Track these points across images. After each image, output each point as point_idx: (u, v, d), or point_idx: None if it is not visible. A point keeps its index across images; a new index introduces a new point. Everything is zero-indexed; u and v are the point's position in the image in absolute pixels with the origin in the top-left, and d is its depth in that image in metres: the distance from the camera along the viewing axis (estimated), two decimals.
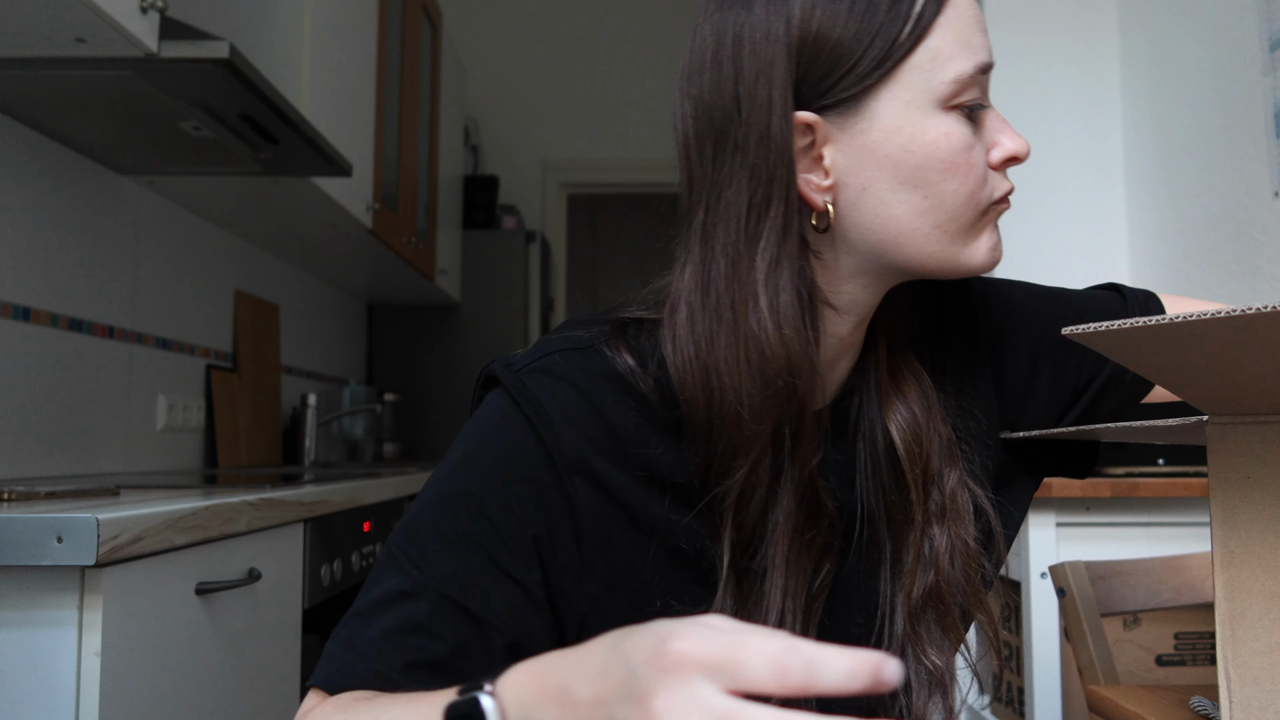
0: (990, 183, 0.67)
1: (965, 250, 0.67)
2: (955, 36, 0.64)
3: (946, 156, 0.64)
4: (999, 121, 0.67)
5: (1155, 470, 1.64)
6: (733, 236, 0.65)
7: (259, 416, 2.79)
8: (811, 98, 0.64)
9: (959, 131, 0.64)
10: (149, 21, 1.48)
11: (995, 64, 0.68)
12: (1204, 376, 0.58)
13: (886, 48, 0.63)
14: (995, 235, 0.69)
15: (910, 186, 0.65)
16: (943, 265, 0.67)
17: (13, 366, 1.75)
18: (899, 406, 0.72)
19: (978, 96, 0.65)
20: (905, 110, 0.64)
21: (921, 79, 0.64)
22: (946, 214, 0.65)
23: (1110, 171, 2.18)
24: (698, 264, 0.66)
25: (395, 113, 3.00)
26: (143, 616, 1.09)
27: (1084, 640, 1.17)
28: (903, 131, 0.64)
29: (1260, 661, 0.61)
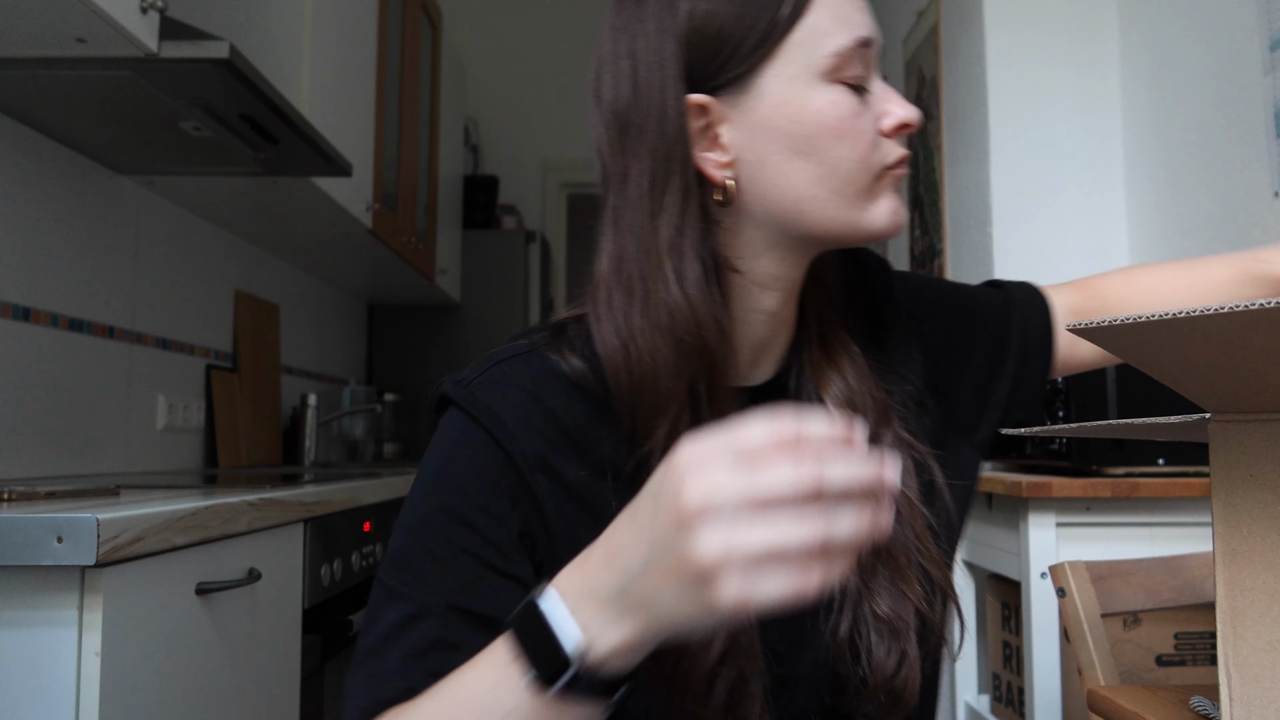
0: (881, 148, 0.70)
1: (865, 214, 0.71)
2: (833, 14, 0.69)
3: (833, 124, 0.68)
4: (887, 92, 0.71)
5: (1155, 470, 1.64)
6: (639, 215, 0.69)
7: (259, 416, 2.79)
8: (704, 81, 0.69)
9: (844, 100, 0.69)
10: (149, 21, 1.48)
11: (882, 41, 0.73)
12: (1206, 373, 0.58)
13: (767, 28, 0.68)
14: (895, 200, 0.72)
15: (803, 155, 0.69)
16: (846, 229, 0.71)
17: (13, 366, 1.75)
18: (833, 377, 0.76)
19: (861, 69, 0.69)
20: (790, 84, 0.68)
21: (803, 54, 0.68)
22: (841, 179, 0.69)
23: (1110, 171, 2.18)
24: (611, 245, 0.71)
25: (395, 113, 3.00)
26: (143, 616, 1.09)
27: (1084, 640, 1.17)
28: (790, 104, 0.68)
29: (1261, 659, 0.61)
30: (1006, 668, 1.96)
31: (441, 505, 0.68)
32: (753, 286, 0.73)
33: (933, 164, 2.58)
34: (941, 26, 2.51)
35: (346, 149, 2.44)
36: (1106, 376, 1.67)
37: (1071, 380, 1.68)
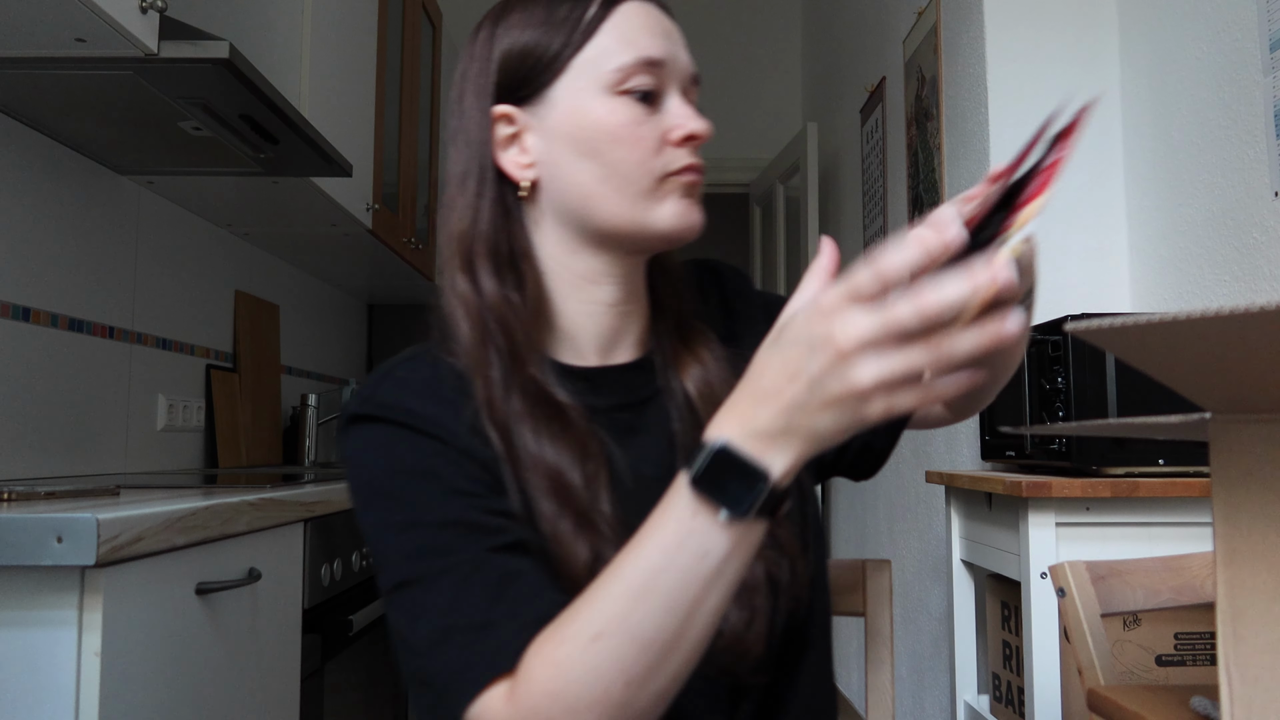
0: (665, 155, 0.80)
1: (649, 213, 0.80)
2: (620, 36, 0.80)
3: (611, 129, 0.79)
4: (682, 107, 0.81)
5: (1155, 470, 1.64)
6: (449, 211, 0.84)
7: (259, 416, 2.79)
8: (511, 94, 0.82)
9: (625, 110, 0.79)
10: (149, 21, 1.48)
11: (684, 64, 0.83)
12: (1207, 373, 0.58)
13: (560, 49, 0.80)
14: (682, 204, 0.81)
15: (587, 157, 0.79)
16: (632, 227, 0.80)
17: (13, 366, 1.75)
18: (691, 364, 0.86)
19: (650, 84, 0.80)
20: (578, 96, 0.80)
21: (591, 70, 0.80)
22: (621, 178, 0.79)
23: (1110, 171, 2.18)
24: (440, 237, 0.84)
25: (395, 113, 3.00)
26: (143, 616, 1.09)
27: (1084, 640, 1.17)
28: (577, 113, 0.80)
29: (1261, 660, 0.61)
30: (1006, 668, 1.96)
31: (389, 490, 0.75)
32: (578, 280, 0.83)
33: (933, 164, 2.58)
34: (941, 26, 2.51)
35: (346, 149, 2.44)
36: (1106, 376, 1.67)
37: (1072, 380, 1.68)
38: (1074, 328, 0.54)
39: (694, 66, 0.83)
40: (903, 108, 2.88)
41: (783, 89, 4.55)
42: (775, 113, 4.51)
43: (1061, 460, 1.70)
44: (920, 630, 2.66)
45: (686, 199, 0.81)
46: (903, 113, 2.88)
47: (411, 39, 3.16)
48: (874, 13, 3.25)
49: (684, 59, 0.82)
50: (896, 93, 2.96)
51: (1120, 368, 1.66)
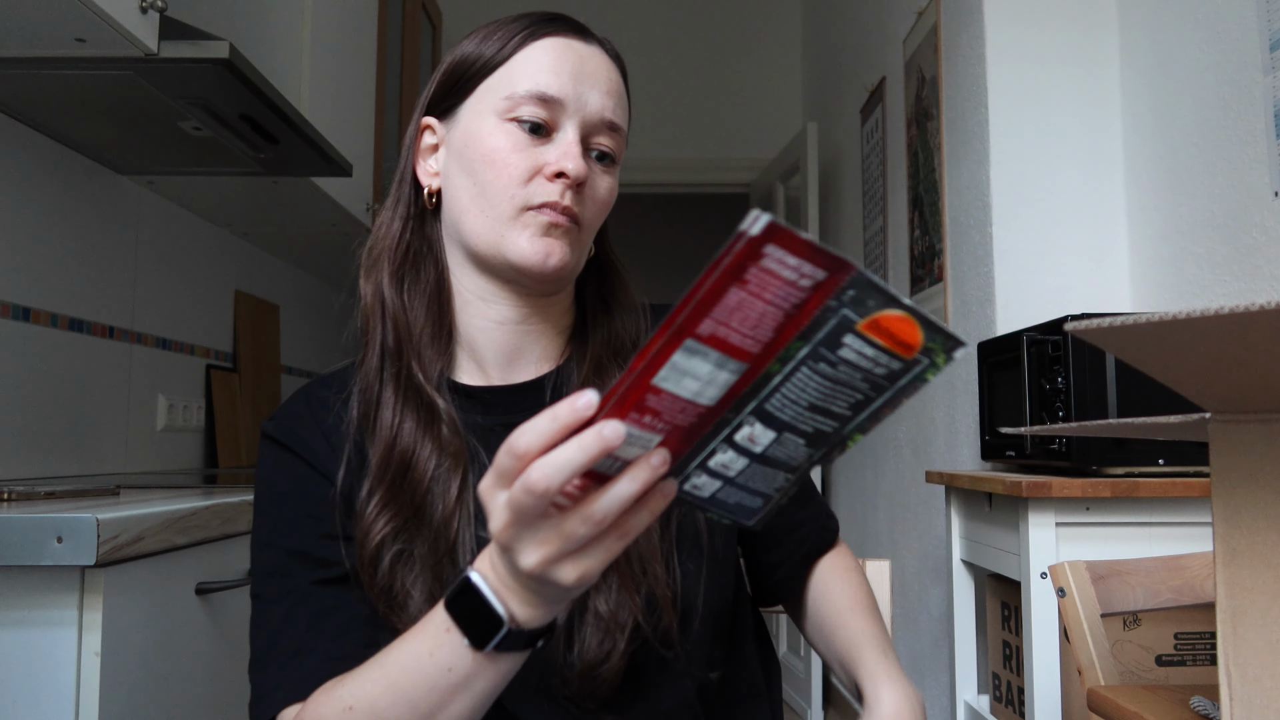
0: (530, 186, 0.80)
1: (505, 240, 0.81)
2: (526, 69, 0.81)
3: (487, 153, 0.81)
4: (568, 146, 0.81)
5: (1155, 470, 1.64)
6: (379, 213, 0.89)
7: (259, 416, 2.79)
8: (437, 107, 0.86)
9: (507, 136, 0.81)
10: (149, 21, 1.48)
11: (591, 107, 0.82)
12: (1206, 373, 0.58)
13: (477, 70, 0.83)
14: (538, 241, 0.80)
15: (467, 174, 0.82)
16: (490, 250, 0.82)
17: (13, 366, 1.75)
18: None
19: (541, 117, 0.81)
20: (476, 117, 0.83)
21: (491, 95, 0.82)
22: (488, 200, 0.81)
23: (1110, 171, 2.18)
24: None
25: (395, 113, 3.00)
26: (143, 616, 1.09)
27: (1084, 640, 1.17)
28: (469, 131, 0.83)
29: (1261, 659, 0.61)
30: (1006, 668, 1.96)
31: (269, 509, 0.82)
32: (471, 295, 0.85)
33: (933, 164, 2.58)
34: (941, 26, 2.51)
35: (346, 149, 2.44)
36: (1106, 376, 1.67)
37: (1071, 380, 1.68)
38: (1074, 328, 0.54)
39: (613, 115, 0.83)
40: (903, 108, 2.88)
41: (783, 89, 4.55)
42: (775, 113, 4.51)
43: (1061, 460, 1.70)
44: (920, 630, 2.66)
45: (545, 236, 0.80)
46: (903, 113, 2.88)
47: (411, 39, 3.16)
48: (874, 13, 3.25)
49: (595, 103, 0.82)
50: (896, 93, 2.96)
51: (1120, 368, 1.66)
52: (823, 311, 0.47)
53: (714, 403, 0.51)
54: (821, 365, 0.49)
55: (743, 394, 0.51)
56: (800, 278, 0.45)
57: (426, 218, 0.87)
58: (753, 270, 0.45)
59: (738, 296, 0.46)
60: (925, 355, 0.49)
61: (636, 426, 0.51)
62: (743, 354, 0.49)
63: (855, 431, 0.54)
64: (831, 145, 3.82)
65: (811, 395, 0.51)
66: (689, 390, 0.50)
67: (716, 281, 0.45)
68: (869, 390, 0.51)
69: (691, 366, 0.48)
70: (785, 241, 0.44)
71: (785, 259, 0.45)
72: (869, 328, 0.48)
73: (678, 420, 0.51)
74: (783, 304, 0.47)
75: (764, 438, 0.53)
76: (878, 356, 0.49)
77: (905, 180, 2.85)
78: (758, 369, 0.50)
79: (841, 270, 0.45)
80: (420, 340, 0.83)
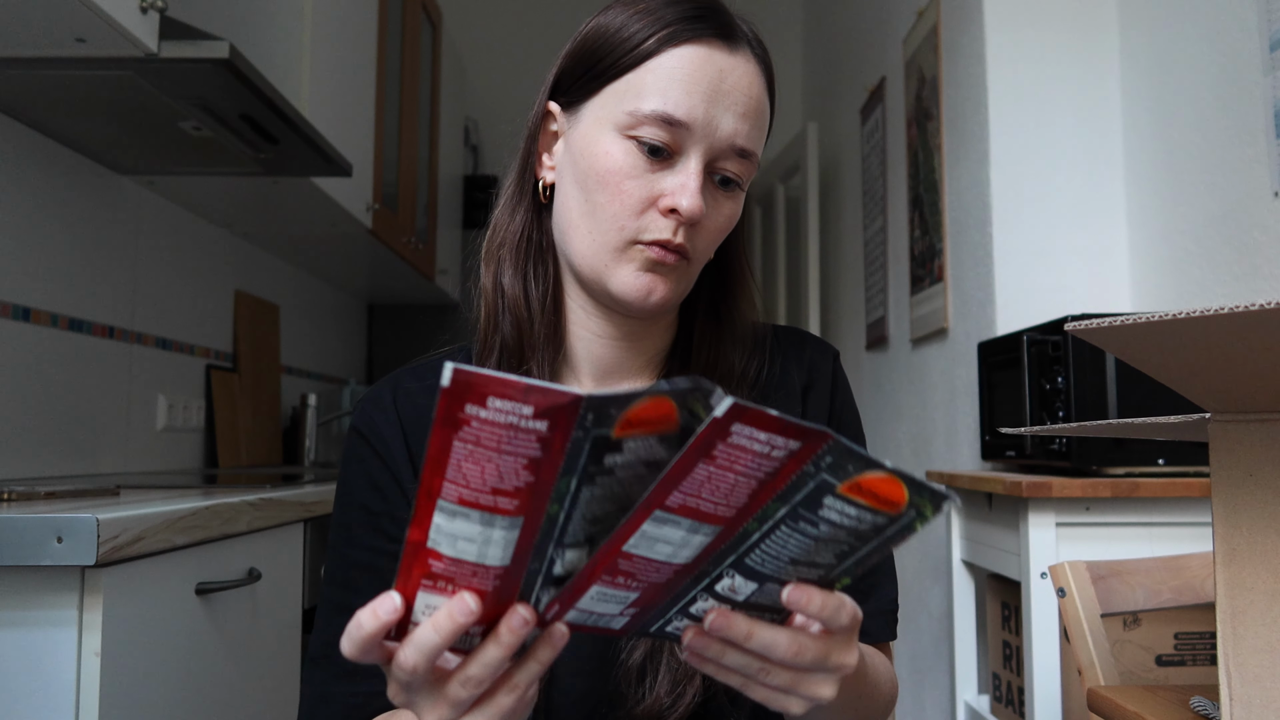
0: (643, 218, 0.74)
1: (610, 270, 0.76)
2: (657, 81, 0.74)
3: (601, 172, 0.74)
4: (687, 179, 0.74)
5: (1155, 470, 1.64)
6: (498, 201, 0.84)
7: (259, 416, 2.79)
8: (562, 93, 0.79)
9: (624, 156, 0.74)
10: (149, 21, 1.48)
11: (719, 134, 0.75)
12: (1206, 373, 0.58)
13: (605, 67, 0.76)
14: (641, 277, 0.75)
15: (580, 187, 0.76)
16: (593, 275, 0.77)
17: (13, 366, 1.75)
18: None
19: (663, 139, 0.73)
20: (596, 123, 0.76)
21: (614, 103, 0.75)
22: (597, 223, 0.75)
23: (1110, 171, 2.18)
24: None
25: (395, 113, 3.00)
26: (143, 616, 1.09)
27: (1084, 640, 1.17)
28: (587, 139, 0.76)
29: (1261, 659, 0.61)
30: (1006, 668, 1.96)
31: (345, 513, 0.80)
32: (575, 305, 0.81)
33: (933, 164, 2.58)
34: (941, 26, 2.51)
35: (346, 149, 2.44)
36: (1106, 376, 1.67)
37: (1071, 380, 1.68)
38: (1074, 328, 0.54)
39: (745, 141, 0.76)
40: (903, 108, 2.88)
41: (783, 89, 4.53)
42: (775, 113, 4.50)
43: (1061, 460, 1.70)
44: (920, 630, 2.66)
45: (649, 273, 0.75)
46: (903, 113, 2.88)
47: (411, 39, 3.16)
48: (874, 13, 3.25)
49: (727, 128, 0.75)
50: (896, 93, 2.96)
51: (1120, 368, 1.66)
52: (800, 476, 0.46)
53: (689, 561, 0.51)
54: (802, 524, 0.49)
55: (720, 550, 0.50)
56: (772, 449, 0.45)
57: (544, 209, 0.82)
58: (721, 447, 0.44)
59: (707, 471, 0.45)
60: (912, 509, 0.47)
61: (610, 587, 0.51)
62: (716, 519, 0.48)
63: (842, 576, 0.53)
64: (831, 145, 3.82)
65: (793, 550, 0.50)
66: (662, 553, 0.49)
67: (681, 461, 0.45)
68: (854, 541, 0.50)
69: (662, 534, 0.48)
70: (752, 420, 0.43)
71: (755, 434, 0.44)
72: (850, 490, 0.47)
73: (653, 579, 0.51)
74: (756, 473, 0.46)
75: (745, 588, 0.53)
76: (861, 515, 0.48)
77: (905, 180, 2.85)
78: (734, 529, 0.49)
79: (817, 440, 0.45)
80: (540, 341, 0.80)
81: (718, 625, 0.53)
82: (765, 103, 0.79)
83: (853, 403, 0.91)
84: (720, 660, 0.55)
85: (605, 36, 0.76)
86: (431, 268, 3.43)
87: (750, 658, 0.55)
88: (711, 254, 0.80)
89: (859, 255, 3.45)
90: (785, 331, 0.90)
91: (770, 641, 0.54)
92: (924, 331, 2.66)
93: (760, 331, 0.86)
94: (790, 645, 0.54)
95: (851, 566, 0.52)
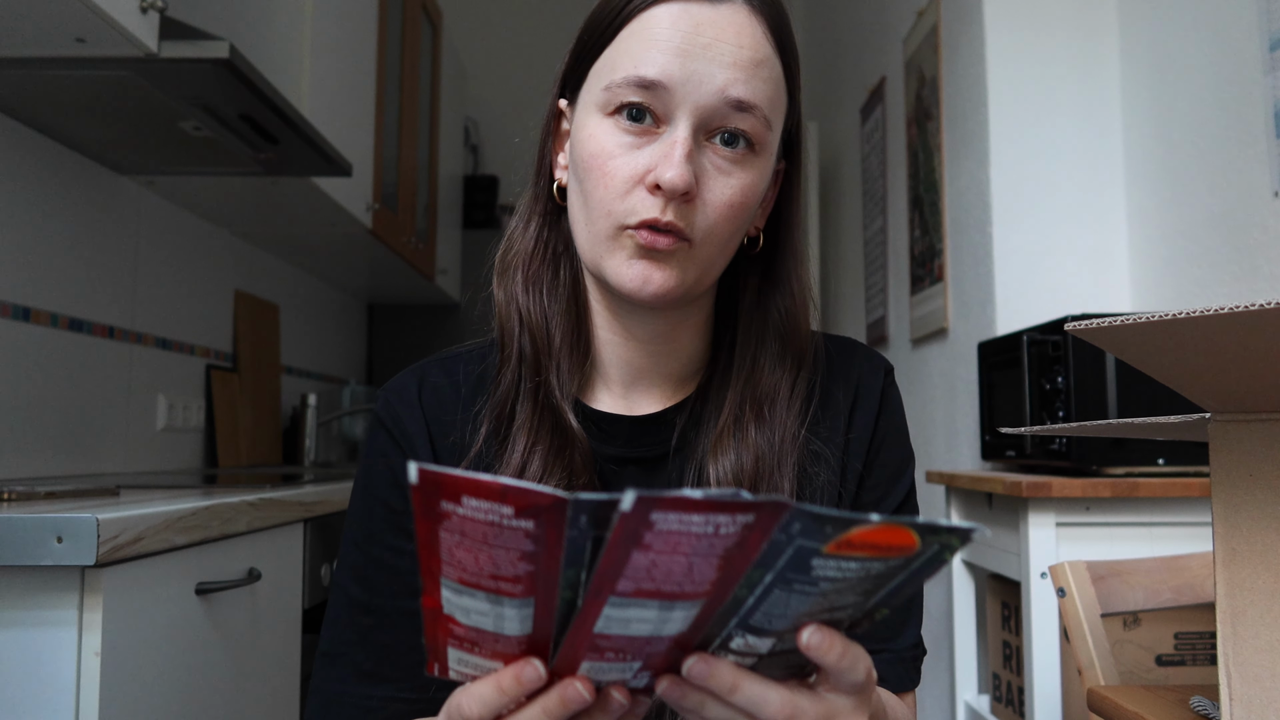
0: (629, 199, 0.67)
1: (604, 261, 0.70)
2: (628, 49, 0.68)
3: (587, 158, 0.69)
4: (670, 148, 0.66)
5: (1155, 470, 1.64)
6: (516, 207, 0.80)
7: (259, 416, 2.79)
8: (567, 87, 0.75)
9: (602, 137, 0.68)
10: (149, 21, 1.48)
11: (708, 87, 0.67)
12: (1206, 373, 0.58)
13: (590, 49, 0.72)
14: (633, 265, 0.68)
15: (576, 178, 0.72)
16: (595, 268, 0.72)
17: (13, 366, 1.75)
18: (730, 448, 0.74)
19: (641, 103, 0.67)
20: (584, 109, 0.71)
21: (595, 82, 0.70)
22: (589, 213, 0.70)
23: (1110, 171, 2.18)
24: None
25: (395, 113, 3.00)
26: (143, 616, 1.09)
27: (1084, 640, 1.17)
28: (578, 127, 0.72)
29: (1261, 659, 0.61)
30: (1006, 668, 1.96)
31: (363, 509, 0.78)
32: (600, 307, 0.77)
33: (933, 164, 2.58)
34: (941, 26, 2.51)
35: (346, 149, 2.44)
36: (1106, 376, 1.67)
37: (1071, 380, 1.68)
38: (1074, 328, 0.54)
39: (742, 90, 0.67)
40: (903, 108, 2.88)
41: None
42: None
43: (1061, 460, 1.70)
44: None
45: (641, 260, 0.68)
46: (903, 113, 2.88)
47: (411, 39, 3.16)
48: (874, 13, 3.25)
49: (715, 80, 0.66)
50: (896, 93, 2.96)
51: (1120, 368, 1.66)
52: (771, 545, 0.41)
53: (686, 630, 0.46)
54: (796, 586, 0.44)
55: (718, 615, 0.46)
56: (719, 527, 0.40)
57: (562, 214, 0.77)
58: (649, 536, 0.40)
59: (646, 559, 0.41)
60: (932, 544, 0.42)
61: (602, 661, 0.48)
62: (689, 595, 0.43)
63: (879, 608, 0.48)
64: (831, 145, 3.82)
65: (798, 608, 0.46)
66: (643, 630, 0.45)
67: (609, 554, 0.41)
68: (877, 581, 0.45)
69: (631, 615, 0.44)
70: (672, 506, 0.39)
71: (686, 518, 0.39)
72: (839, 548, 0.42)
73: (647, 650, 0.47)
74: (712, 552, 0.41)
75: (762, 644, 0.48)
76: (867, 565, 0.43)
77: (905, 180, 2.84)
78: (720, 599, 0.44)
79: (773, 511, 0.40)
80: (560, 351, 0.75)
81: (698, 673, 0.47)
82: (766, 50, 0.70)
83: (901, 427, 0.82)
84: (701, 713, 0.49)
85: (590, 19, 0.72)
86: (431, 268, 3.43)
87: (736, 714, 0.49)
88: (728, 234, 0.70)
89: (859, 255, 3.45)
90: (835, 341, 0.82)
91: (759, 698, 0.48)
92: (924, 331, 2.66)
93: (809, 357, 0.78)
94: (784, 706, 0.48)
95: (886, 598, 0.47)
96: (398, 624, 0.75)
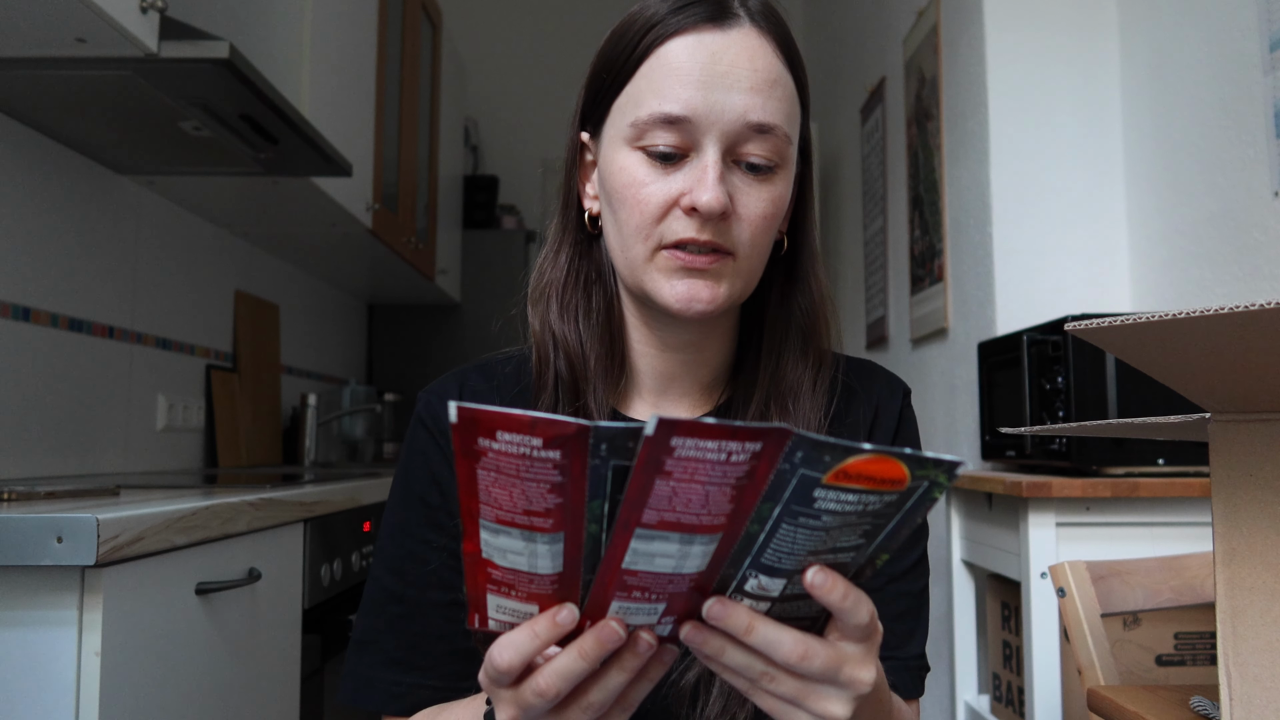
0: (665, 223, 0.72)
1: (648, 282, 0.74)
2: (650, 84, 0.72)
3: (618, 188, 0.73)
4: (701, 174, 0.71)
5: (1155, 470, 1.64)
6: (549, 234, 0.83)
7: (259, 416, 2.79)
8: (588, 120, 0.79)
9: (635, 168, 0.73)
10: (149, 21, 1.48)
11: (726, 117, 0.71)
12: (1206, 373, 0.58)
13: (608, 86, 0.76)
14: (676, 283, 0.73)
15: (609, 207, 0.76)
16: (639, 290, 0.75)
17: (13, 366, 1.75)
18: None
19: (671, 141, 0.71)
20: (610, 143, 0.75)
21: (620, 118, 0.74)
22: (626, 238, 0.74)
23: (1110, 171, 2.18)
24: None
25: (395, 113, 3.00)
26: (143, 616, 1.09)
27: (1084, 640, 1.17)
28: (606, 159, 0.76)
29: (1261, 659, 0.61)
30: (1006, 668, 1.96)
31: (402, 504, 0.81)
32: (637, 323, 0.80)
33: (933, 164, 2.58)
34: (941, 26, 2.51)
35: (346, 149, 2.44)
36: (1106, 376, 1.67)
37: (1071, 380, 1.68)
38: (1074, 328, 0.54)
39: (761, 115, 0.71)
40: (903, 108, 2.88)
41: None
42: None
43: (1061, 460, 1.70)
44: None
45: (685, 279, 0.72)
46: (903, 113, 2.88)
47: (411, 39, 3.16)
48: (874, 13, 3.25)
49: (735, 107, 0.71)
50: (896, 93, 2.96)
51: (1120, 368, 1.66)
52: (778, 475, 0.45)
53: (704, 568, 0.50)
54: (801, 520, 0.47)
55: (733, 553, 0.49)
56: (730, 455, 0.44)
57: (594, 241, 0.81)
58: (670, 463, 0.44)
59: (668, 487, 0.45)
60: (922, 479, 0.46)
61: (629, 601, 0.51)
62: (707, 529, 0.47)
63: (879, 554, 0.52)
64: (831, 145, 3.82)
65: (805, 545, 0.49)
66: (666, 566, 0.49)
67: (635, 481, 0.44)
68: (874, 520, 0.48)
69: (655, 548, 0.48)
70: (689, 431, 0.42)
71: (702, 444, 0.43)
72: (837, 478, 0.45)
73: (670, 589, 0.51)
74: (725, 480, 0.45)
75: (774, 586, 0.52)
76: (864, 499, 0.47)
77: (905, 180, 2.84)
78: (734, 534, 0.48)
79: (778, 437, 0.43)
80: (595, 373, 0.78)
81: (715, 613, 0.51)
82: (779, 70, 0.74)
83: (916, 445, 0.86)
84: (720, 658, 0.53)
85: (605, 54, 0.76)
86: (431, 268, 3.43)
87: (753, 657, 0.52)
88: (764, 242, 0.75)
89: (859, 255, 3.45)
90: (855, 363, 0.87)
91: (773, 639, 0.52)
92: (924, 331, 2.66)
93: (829, 381, 0.82)
94: (795, 647, 0.52)
95: (884, 542, 0.51)
96: (427, 614, 0.79)
